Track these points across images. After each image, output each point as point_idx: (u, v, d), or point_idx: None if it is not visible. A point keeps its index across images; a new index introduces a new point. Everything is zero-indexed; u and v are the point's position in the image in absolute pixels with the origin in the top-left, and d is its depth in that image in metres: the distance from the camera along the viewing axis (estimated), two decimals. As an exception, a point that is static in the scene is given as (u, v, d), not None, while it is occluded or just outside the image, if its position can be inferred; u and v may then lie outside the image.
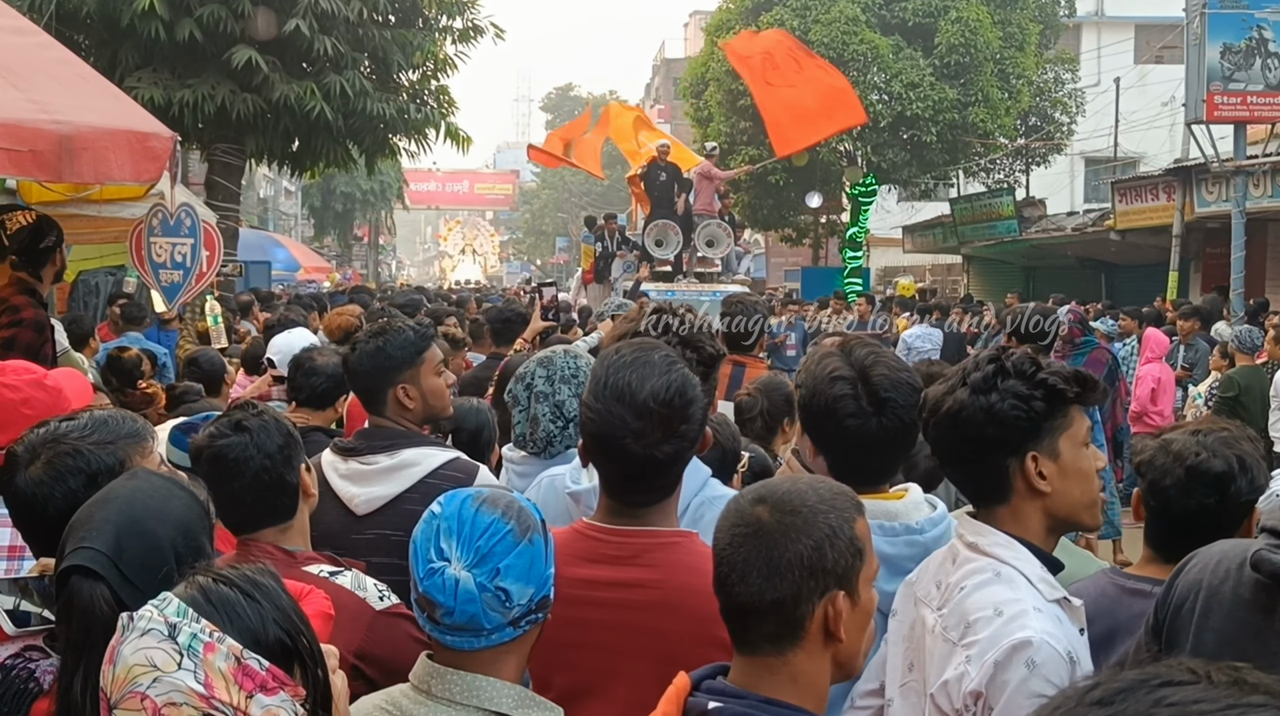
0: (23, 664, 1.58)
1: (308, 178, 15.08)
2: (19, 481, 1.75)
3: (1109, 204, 17.65)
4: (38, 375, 2.37)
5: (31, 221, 4.14)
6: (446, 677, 1.54)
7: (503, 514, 1.54)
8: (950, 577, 1.77)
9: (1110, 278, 19.98)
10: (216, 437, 2.05)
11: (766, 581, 1.36)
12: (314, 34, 10.80)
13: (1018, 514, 1.75)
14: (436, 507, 1.57)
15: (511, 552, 1.52)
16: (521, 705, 1.54)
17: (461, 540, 1.51)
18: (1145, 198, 16.23)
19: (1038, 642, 1.60)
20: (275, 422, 2.09)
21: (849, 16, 19.92)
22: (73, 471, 1.74)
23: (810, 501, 1.40)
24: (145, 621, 1.16)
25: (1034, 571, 1.72)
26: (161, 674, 1.12)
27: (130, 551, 1.46)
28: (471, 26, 12.98)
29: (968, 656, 1.65)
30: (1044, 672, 1.59)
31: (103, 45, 10.95)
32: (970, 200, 21.94)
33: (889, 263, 29.35)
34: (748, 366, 4.91)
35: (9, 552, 2.29)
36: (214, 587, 1.20)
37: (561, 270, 54.83)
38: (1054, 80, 23.31)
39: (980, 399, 1.73)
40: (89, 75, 4.29)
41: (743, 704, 1.34)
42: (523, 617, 1.53)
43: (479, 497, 1.57)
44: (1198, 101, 13.26)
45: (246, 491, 2.02)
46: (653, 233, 13.28)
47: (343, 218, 39.37)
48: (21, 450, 1.80)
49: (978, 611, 1.67)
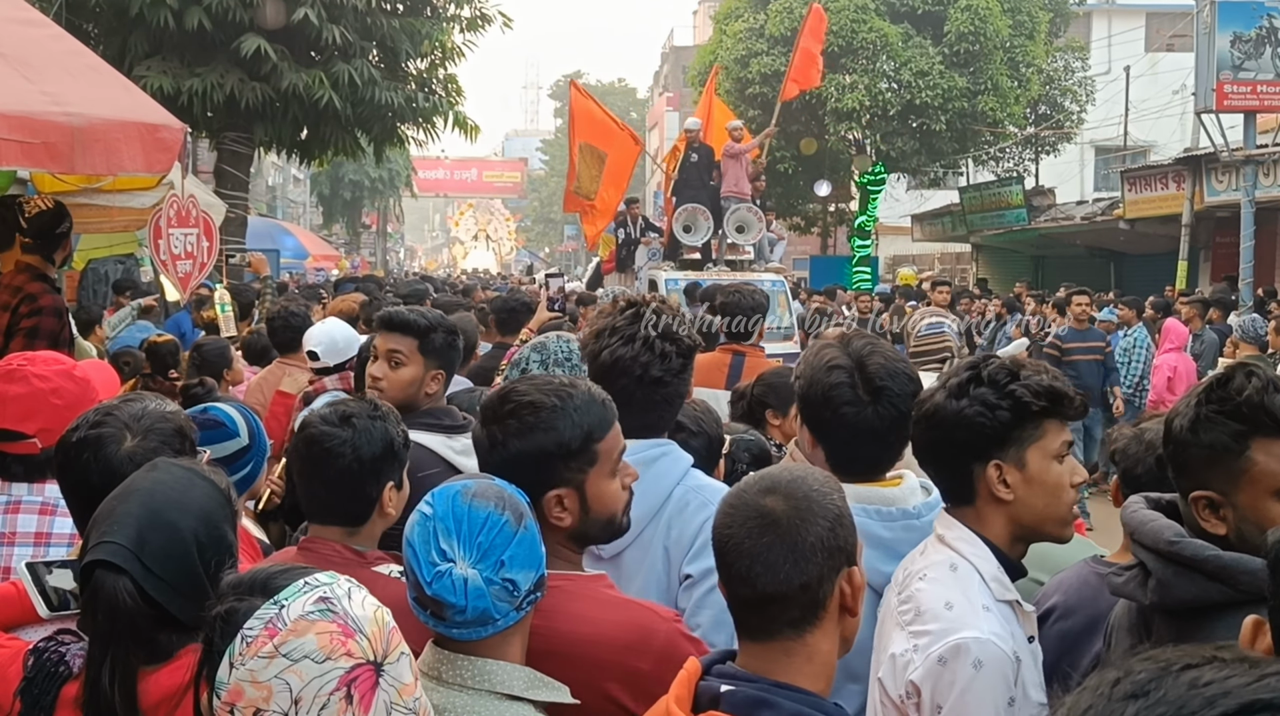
0: (55, 647, 1.61)
1: (316, 166, 15.12)
2: (115, 457, 1.81)
3: (1119, 193, 17.60)
4: (67, 366, 2.39)
5: (50, 207, 4.21)
6: (457, 664, 1.57)
7: (495, 505, 1.57)
8: (914, 565, 1.83)
9: (1119, 267, 19.92)
10: (321, 423, 2.03)
11: (794, 567, 1.39)
12: (322, 23, 10.83)
13: (981, 517, 1.79)
14: (428, 508, 1.58)
15: (511, 542, 1.55)
16: (531, 686, 1.58)
17: (461, 538, 1.54)
18: (1155, 187, 16.18)
19: (983, 642, 1.64)
20: (384, 432, 2.04)
21: (858, 4, 19.85)
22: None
23: (813, 486, 1.45)
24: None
25: (989, 569, 1.76)
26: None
27: (152, 543, 1.50)
28: (479, 15, 13.01)
29: (914, 645, 1.69)
30: (989, 672, 1.63)
31: (112, 34, 11.01)
32: (979, 189, 21.88)
33: (898, 251, 29.28)
34: (747, 356, 4.95)
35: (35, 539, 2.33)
36: None
37: (570, 258, 54.83)
38: (1064, 68, 23.18)
39: (953, 403, 1.77)
40: (100, 67, 4.33)
41: (755, 687, 1.37)
42: (524, 600, 1.58)
43: (468, 492, 1.59)
44: (1207, 90, 13.21)
45: (326, 485, 2.01)
46: (681, 217, 12.19)
47: (351, 205, 39.43)
48: (109, 430, 1.86)
49: (929, 602, 1.72)
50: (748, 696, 1.36)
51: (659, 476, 2.14)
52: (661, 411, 2.23)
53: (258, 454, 2.69)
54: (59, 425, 2.17)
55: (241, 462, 2.61)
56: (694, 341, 2.24)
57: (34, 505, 2.24)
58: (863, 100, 19.77)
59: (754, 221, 12.31)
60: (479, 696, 1.55)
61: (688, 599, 2.07)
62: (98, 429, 1.88)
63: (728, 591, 1.46)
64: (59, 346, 3.86)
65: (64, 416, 2.14)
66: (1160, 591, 1.64)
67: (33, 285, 4.11)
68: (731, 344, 5.06)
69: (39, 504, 2.25)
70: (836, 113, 20.08)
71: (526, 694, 1.57)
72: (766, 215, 13.39)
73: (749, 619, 1.44)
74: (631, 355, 2.18)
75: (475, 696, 1.55)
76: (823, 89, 19.84)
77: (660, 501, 2.11)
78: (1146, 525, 1.68)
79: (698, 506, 2.11)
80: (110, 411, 1.93)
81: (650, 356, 2.17)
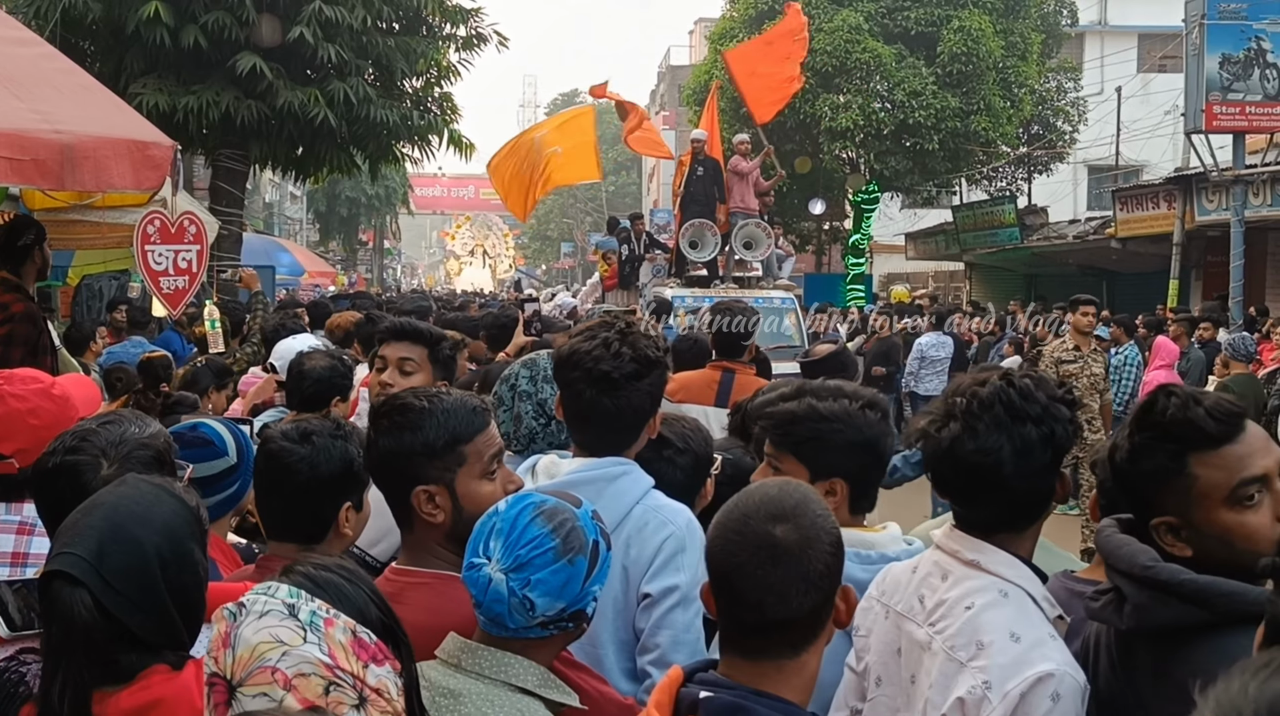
0: (15, 667, 1.60)
1: (312, 183, 15.15)
2: (91, 485, 1.79)
3: (1111, 212, 17.68)
4: (45, 384, 2.36)
5: (7, 221, 4.20)
6: (477, 653, 1.60)
7: (553, 529, 1.58)
8: (947, 594, 1.76)
9: (1111, 285, 19.99)
10: (281, 439, 2.05)
11: (804, 596, 1.40)
12: (318, 41, 10.88)
13: (1021, 538, 1.78)
14: (503, 505, 1.63)
15: (547, 568, 1.56)
16: (544, 684, 1.60)
17: (506, 544, 1.57)
18: (1146, 206, 16.27)
19: (1059, 675, 1.62)
20: (344, 451, 2.04)
21: (852, 25, 19.98)
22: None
23: (816, 510, 1.45)
24: (260, 605, 1.24)
25: (1038, 590, 1.74)
26: (289, 648, 1.20)
27: (112, 557, 1.48)
28: (475, 35, 13.06)
29: (985, 681, 1.64)
30: (1065, 705, 1.61)
31: (108, 52, 11.05)
32: (972, 208, 21.98)
33: (892, 269, 29.38)
34: (738, 373, 4.96)
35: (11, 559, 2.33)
36: (317, 573, 1.29)
37: (567, 275, 54.81)
38: (1057, 89, 23.34)
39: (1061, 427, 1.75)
40: (91, 85, 4.36)
41: (733, 694, 1.38)
42: (551, 624, 1.59)
43: (540, 506, 1.61)
44: (1197, 111, 13.30)
45: (283, 501, 2.03)
46: (688, 233, 11.80)
47: (348, 222, 39.48)
48: (85, 458, 1.86)
49: (991, 633, 1.67)
50: (725, 703, 1.37)
51: (619, 495, 2.14)
52: (618, 424, 2.21)
53: (246, 472, 2.65)
54: (37, 445, 2.16)
55: (229, 481, 2.59)
56: (654, 354, 2.23)
57: (11, 525, 2.22)
58: (857, 120, 19.88)
59: (762, 237, 11.94)
60: (493, 686, 1.58)
61: (646, 618, 2.08)
62: (74, 456, 1.88)
63: (729, 616, 1.45)
64: (38, 353, 3.86)
65: (42, 436, 2.13)
66: (1137, 615, 1.64)
67: (3, 296, 4.11)
68: (722, 361, 5.07)
69: (16, 523, 2.22)
70: (830, 132, 20.19)
71: (539, 690, 1.59)
72: (774, 229, 12.94)
73: (748, 641, 1.44)
74: (586, 349, 2.21)
75: (490, 685, 1.58)
76: (817, 109, 19.99)
77: (619, 519, 2.11)
78: (1121, 549, 1.68)
79: (657, 526, 2.13)
80: (86, 436, 1.92)
81: (603, 352, 2.18)
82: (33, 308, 4.18)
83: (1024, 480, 1.72)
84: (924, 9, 20.40)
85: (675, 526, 2.13)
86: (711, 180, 12.17)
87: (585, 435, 2.26)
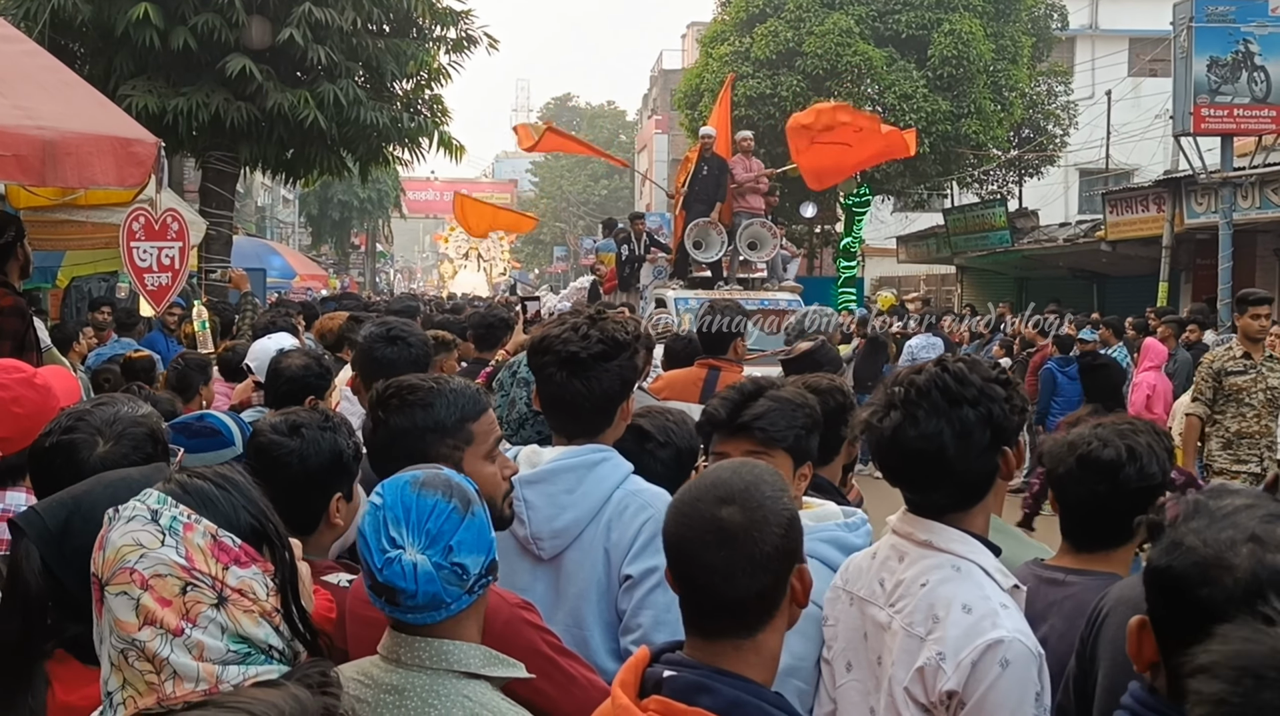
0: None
1: (302, 186, 15.13)
2: (88, 462, 1.84)
3: (1101, 215, 17.74)
4: (27, 374, 2.39)
5: None
6: (415, 645, 1.60)
7: (443, 493, 1.60)
8: (904, 574, 1.81)
9: (1102, 288, 20.07)
10: (270, 432, 2.08)
11: (752, 578, 1.40)
12: (308, 43, 10.88)
13: (972, 516, 1.82)
14: (378, 498, 1.62)
15: (459, 528, 1.57)
16: (489, 663, 1.61)
17: (410, 526, 1.56)
18: (1136, 209, 16.32)
19: (1008, 641, 1.65)
20: (333, 443, 2.07)
21: (843, 29, 20.03)
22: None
23: (766, 491, 1.44)
24: (130, 510, 1.30)
25: (990, 562, 1.78)
26: (147, 551, 1.25)
27: (76, 535, 1.50)
28: (465, 37, 13.07)
29: (939, 652, 1.69)
30: (1016, 670, 1.64)
31: (98, 53, 11.05)
32: (963, 211, 22.02)
33: (883, 272, 29.42)
34: (723, 371, 4.96)
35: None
36: (189, 481, 1.34)
37: (559, 279, 54.81)
38: (1047, 92, 23.41)
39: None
40: (74, 82, 4.36)
41: (696, 673, 1.40)
42: (475, 584, 1.60)
43: (416, 481, 1.61)
44: (1185, 114, 13.35)
45: (273, 492, 2.03)
46: (692, 233, 11.57)
47: (340, 226, 39.46)
48: (81, 436, 1.88)
49: (944, 607, 1.72)
50: (688, 681, 1.39)
51: (599, 480, 2.18)
52: (589, 405, 2.25)
53: None
54: (20, 433, 2.18)
55: None
56: (623, 337, 2.26)
57: None
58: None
59: (767, 237, 11.77)
60: (437, 675, 1.58)
61: (628, 600, 2.10)
62: (70, 434, 1.90)
63: (686, 598, 1.47)
64: (25, 348, 3.85)
65: (25, 425, 2.15)
66: None
67: None
68: (708, 359, 5.07)
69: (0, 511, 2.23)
70: (822, 135, 20.23)
71: (484, 670, 1.59)
72: (778, 229, 12.68)
73: (703, 622, 1.45)
74: (556, 334, 2.27)
75: (434, 676, 1.58)
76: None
77: (600, 504, 2.15)
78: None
79: (637, 509, 2.15)
80: (82, 416, 1.95)
81: (571, 334, 2.24)
82: (21, 302, 4.17)
83: (967, 462, 1.77)
84: (915, 12, 20.47)
85: (655, 509, 2.15)
86: (717, 179, 11.95)
87: (559, 419, 2.31)
